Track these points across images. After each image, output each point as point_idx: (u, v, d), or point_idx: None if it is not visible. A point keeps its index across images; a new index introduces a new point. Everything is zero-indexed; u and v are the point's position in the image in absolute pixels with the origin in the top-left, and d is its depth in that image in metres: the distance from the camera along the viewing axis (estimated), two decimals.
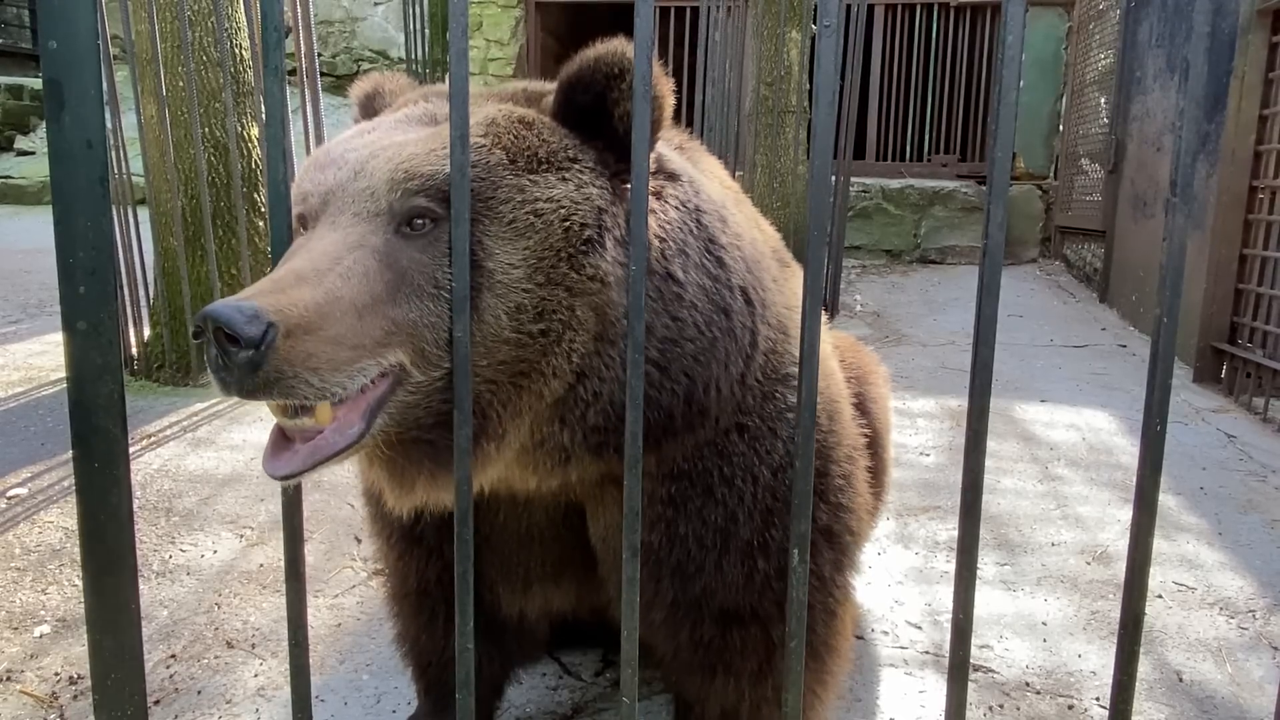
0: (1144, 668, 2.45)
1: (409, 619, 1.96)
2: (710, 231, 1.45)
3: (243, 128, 4.50)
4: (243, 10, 4.54)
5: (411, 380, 1.24)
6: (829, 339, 1.87)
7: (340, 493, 3.41)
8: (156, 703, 2.24)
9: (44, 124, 1.12)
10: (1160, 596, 2.86)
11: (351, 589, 2.78)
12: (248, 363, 1.09)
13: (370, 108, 1.65)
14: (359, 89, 1.71)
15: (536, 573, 1.74)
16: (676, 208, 1.43)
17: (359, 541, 3.07)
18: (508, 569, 1.74)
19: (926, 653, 2.53)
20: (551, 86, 1.46)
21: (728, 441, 1.51)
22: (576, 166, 1.35)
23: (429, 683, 2.01)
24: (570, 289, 1.29)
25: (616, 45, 1.34)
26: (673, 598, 1.58)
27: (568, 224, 1.30)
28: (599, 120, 1.37)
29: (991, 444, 3.35)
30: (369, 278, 1.21)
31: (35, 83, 11.81)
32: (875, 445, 2.35)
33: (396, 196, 1.27)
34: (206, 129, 4.46)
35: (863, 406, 2.30)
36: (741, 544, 1.54)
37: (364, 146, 1.37)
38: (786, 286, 1.63)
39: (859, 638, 2.58)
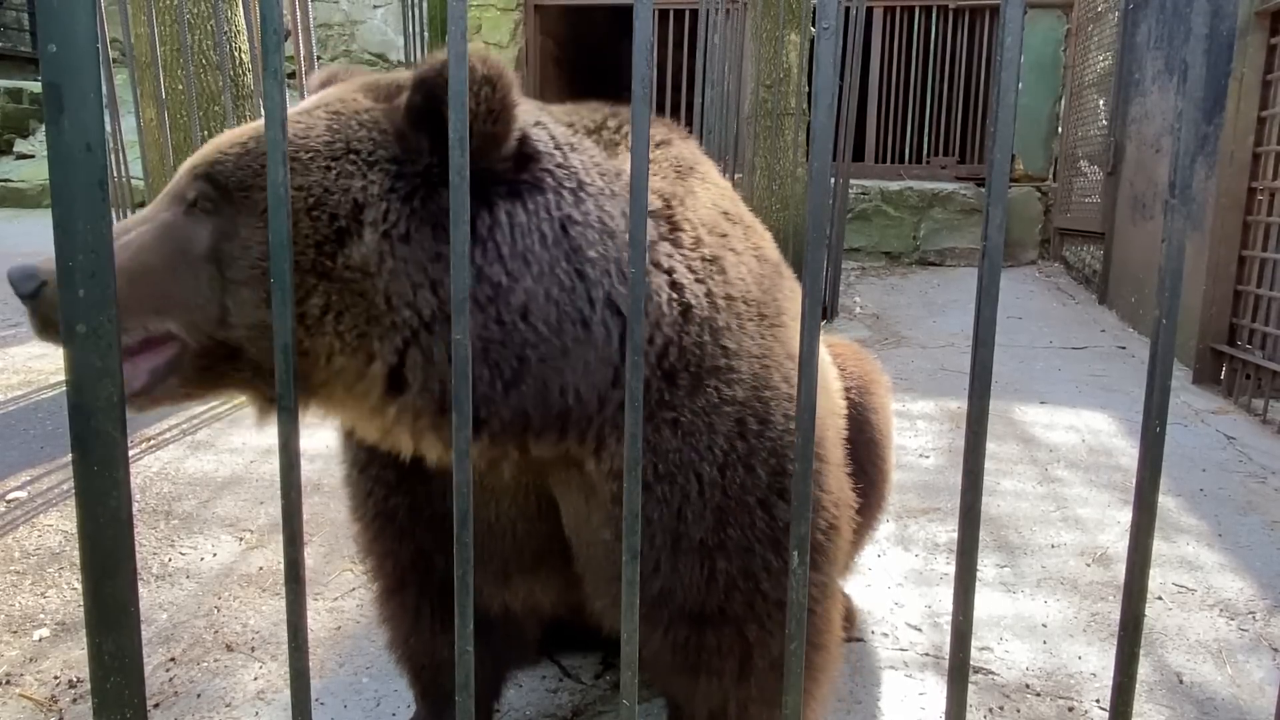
0: (1144, 669, 2.45)
1: (397, 621, 1.97)
2: (576, 243, 1.42)
3: None
4: (242, 14, 4.55)
5: (190, 349, 1.36)
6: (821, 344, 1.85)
7: (340, 496, 3.41)
8: (156, 706, 2.24)
9: (43, 127, 1.12)
10: (1160, 598, 2.86)
11: (351, 592, 2.78)
12: (32, 310, 1.34)
13: None
14: (315, 80, 1.74)
15: (515, 564, 1.73)
16: (533, 215, 1.40)
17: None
18: (484, 559, 1.73)
19: (926, 655, 2.53)
20: (407, 80, 1.48)
21: (659, 438, 1.49)
22: (352, 158, 1.37)
23: (424, 686, 2.01)
24: (325, 275, 1.34)
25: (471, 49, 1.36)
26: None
27: (315, 213, 1.34)
28: (438, 122, 1.35)
29: (991, 446, 3.36)
30: (145, 250, 1.34)
31: (35, 86, 11.80)
32: (876, 454, 2.34)
33: (188, 179, 1.39)
34: (206, 132, 4.46)
35: (863, 417, 2.29)
36: (694, 544, 1.53)
37: None
38: (724, 277, 1.58)
39: (859, 640, 2.58)
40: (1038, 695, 2.35)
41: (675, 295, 1.50)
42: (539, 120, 1.51)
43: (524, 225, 1.39)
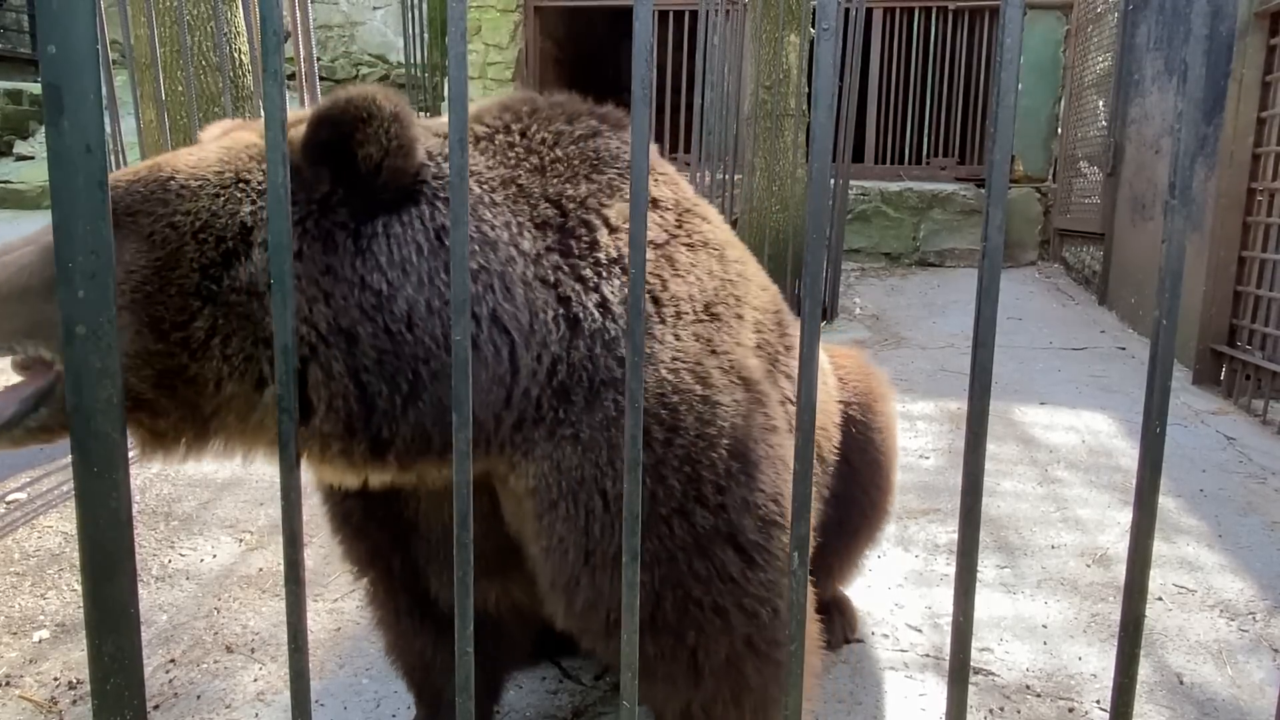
0: (1144, 670, 2.44)
1: (387, 626, 1.98)
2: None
3: None
4: (241, 15, 4.54)
5: (63, 378, 1.33)
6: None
7: None
8: (156, 707, 2.24)
9: (43, 129, 1.12)
10: (1160, 599, 2.86)
11: (351, 593, 2.78)
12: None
13: None
14: (215, 132, 1.74)
15: (477, 566, 1.71)
16: (408, 226, 1.42)
17: None
18: (444, 560, 1.74)
19: (927, 655, 2.53)
20: (301, 119, 1.50)
21: (560, 454, 1.49)
22: (242, 186, 1.40)
23: (419, 688, 2.02)
24: (211, 299, 1.35)
25: (368, 91, 1.39)
26: (564, 607, 1.58)
27: (201, 236, 1.36)
28: (340, 155, 1.39)
29: (991, 446, 3.36)
30: (24, 270, 1.33)
31: (34, 88, 11.80)
32: (879, 476, 2.33)
33: None
34: None
35: (866, 436, 2.26)
36: (608, 558, 1.51)
37: None
38: (623, 280, 1.54)
39: (859, 641, 2.58)
40: (1038, 696, 2.35)
41: (562, 310, 1.49)
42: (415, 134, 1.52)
43: (399, 236, 1.41)
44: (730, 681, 1.61)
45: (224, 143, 1.47)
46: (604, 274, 1.52)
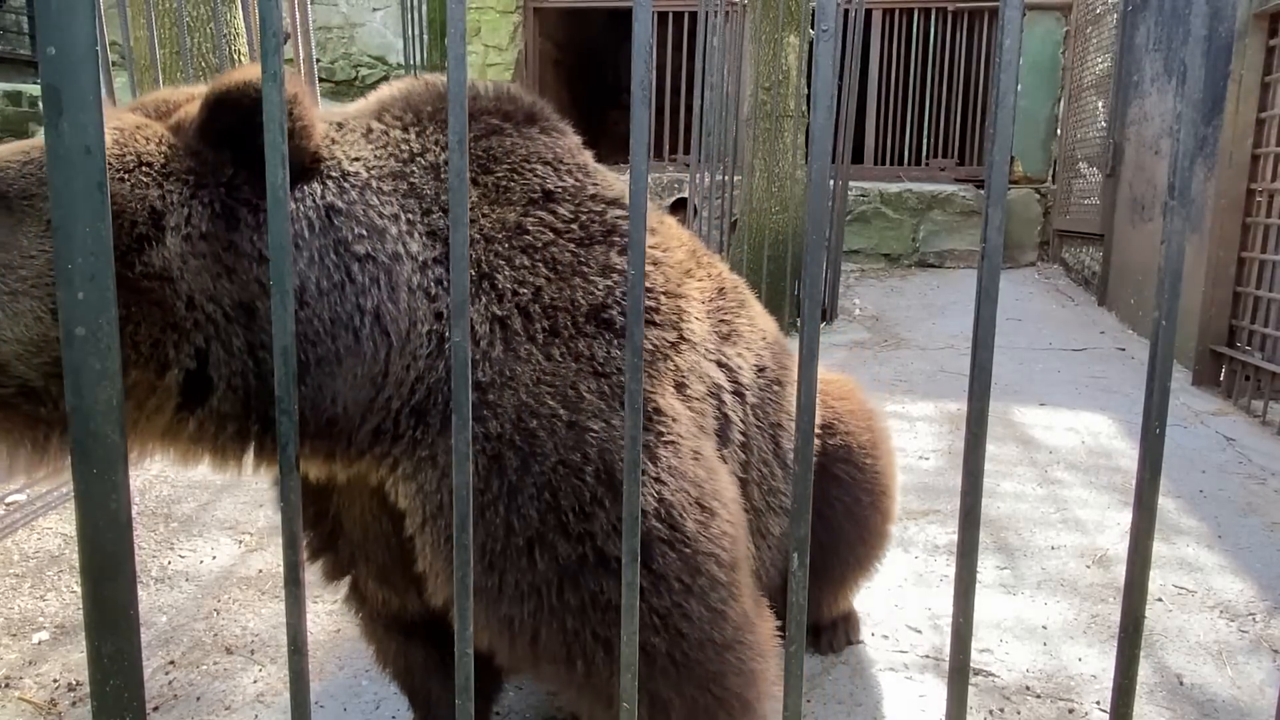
0: (1144, 671, 2.44)
1: (367, 634, 1.99)
2: (341, 235, 1.41)
3: None
4: (241, 16, 4.55)
5: None
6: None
7: None
8: (155, 709, 2.23)
9: (42, 130, 1.12)
10: (1160, 600, 2.86)
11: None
12: None
13: None
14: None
15: (395, 568, 1.67)
16: (300, 203, 1.41)
17: None
18: (366, 562, 1.71)
19: (926, 657, 2.53)
20: (186, 98, 1.48)
21: (423, 477, 1.46)
22: (146, 169, 1.37)
23: (409, 693, 2.03)
24: (122, 284, 1.31)
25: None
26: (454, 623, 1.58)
27: (114, 221, 1.32)
28: (240, 138, 1.37)
29: (991, 448, 3.35)
30: None
31: (34, 89, 11.80)
32: (876, 516, 2.34)
33: None
34: None
35: (855, 476, 2.26)
36: (476, 588, 1.44)
37: None
38: (494, 293, 1.49)
39: (859, 642, 2.58)
40: (1038, 697, 2.35)
41: (435, 327, 1.45)
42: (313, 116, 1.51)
43: (293, 212, 1.40)
44: (645, 702, 1.54)
45: (113, 124, 1.42)
46: (473, 291, 1.47)
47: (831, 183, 6.80)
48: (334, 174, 1.45)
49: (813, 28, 1.40)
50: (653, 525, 1.49)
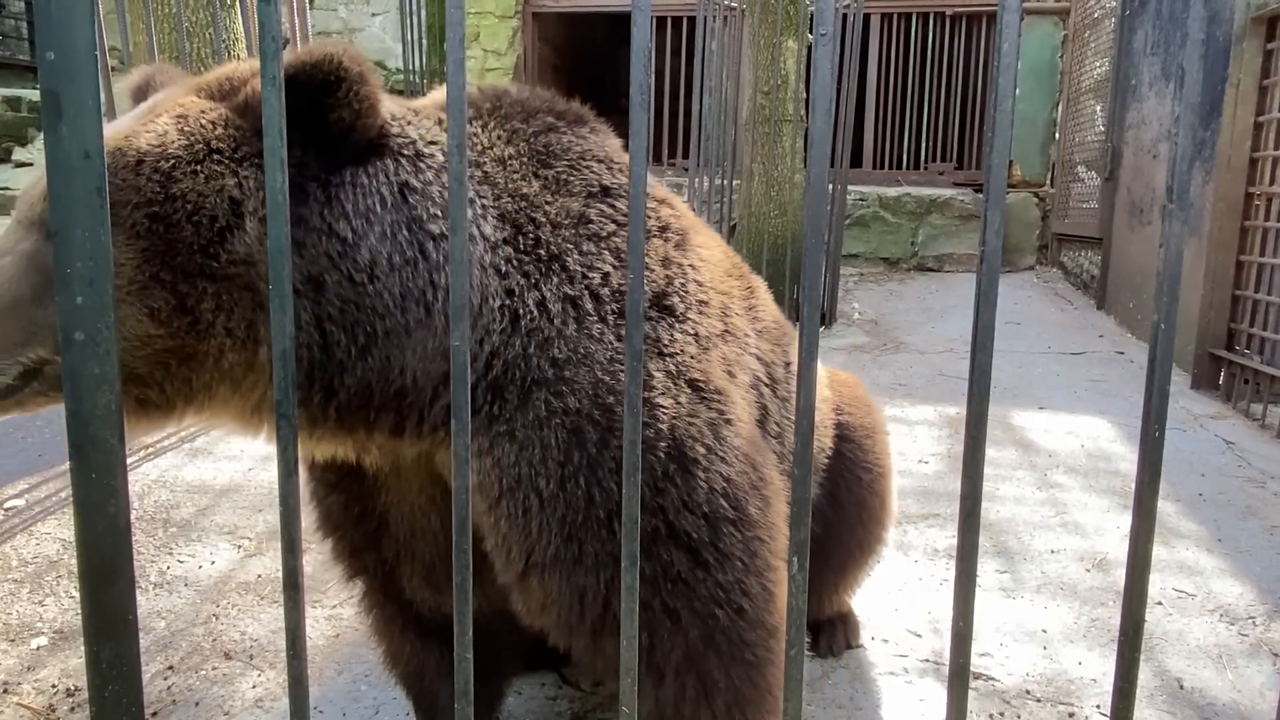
0: (1144, 675, 2.44)
1: (380, 634, 1.99)
2: (415, 212, 1.44)
3: None
4: (240, 21, 4.55)
5: (55, 363, 1.32)
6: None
7: None
8: (154, 715, 2.23)
9: (41, 135, 1.12)
10: (1160, 603, 2.86)
11: (349, 599, 2.77)
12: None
13: (143, 100, 1.63)
14: (130, 82, 1.71)
15: (442, 564, 1.70)
16: (374, 178, 1.43)
17: None
18: (412, 560, 1.73)
19: (926, 660, 2.52)
20: (250, 73, 1.47)
21: (500, 452, 1.49)
22: (216, 158, 1.37)
23: (415, 697, 2.02)
24: (211, 276, 1.34)
25: (331, 52, 1.37)
26: (521, 606, 1.59)
27: (195, 219, 1.34)
28: (307, 116, 1.38)
29: (990, 451, 3.35)
30: (11, 282, 1.31)
31: (33, 94, 11.81)
32: (874, 515, 2.39)
33: (43, 204, 1.31)
34: None
35: (854, 475, 2.31)
36: (548, 560, 1.51)
37: None
38: (565, 275, 1.54)
39: (859, 646, 2.58)
40: (1038, 701, 2.34)
41: (507, 302, 1.49)
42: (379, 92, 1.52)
43: (365, 186, 1.42)
44: (695, 680, 1.59)
45: (173, 110, 1.42)
46: (544, 271, 1.53)
47: (830, 187, 6.81)
48: (408, 153, 1.47)
49: (811, 32, 1.40)
50: (719, 505, 1.54)
